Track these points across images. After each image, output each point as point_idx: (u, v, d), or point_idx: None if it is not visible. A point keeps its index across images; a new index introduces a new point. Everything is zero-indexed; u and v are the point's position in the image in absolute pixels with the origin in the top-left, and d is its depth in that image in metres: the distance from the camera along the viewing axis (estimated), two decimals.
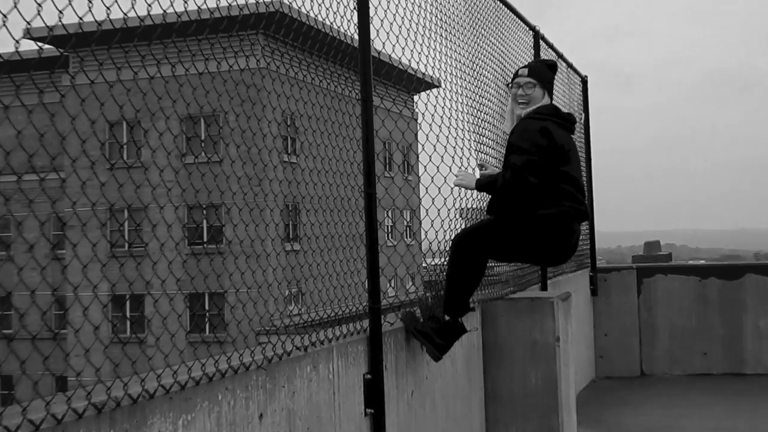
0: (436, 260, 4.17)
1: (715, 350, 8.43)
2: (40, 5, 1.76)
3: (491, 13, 5.39)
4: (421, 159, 3.93)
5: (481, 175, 3.70)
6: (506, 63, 5.72)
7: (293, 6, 3.07)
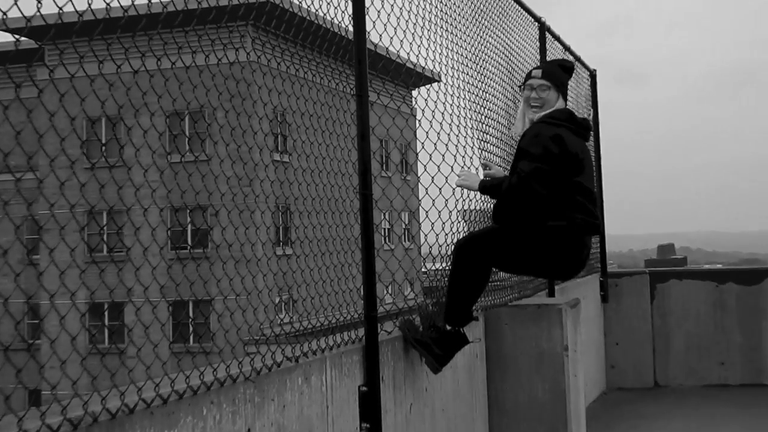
0: (436, 265, 4.18)
1: (732, 360, 8.45)
2: None
3: (494, 3, 5.41)
4: (421, 158, 3.94)
5: (486, 176, 3.70)
6: (510, 56, 5.74)
7: None
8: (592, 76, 8.87)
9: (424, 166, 3.90)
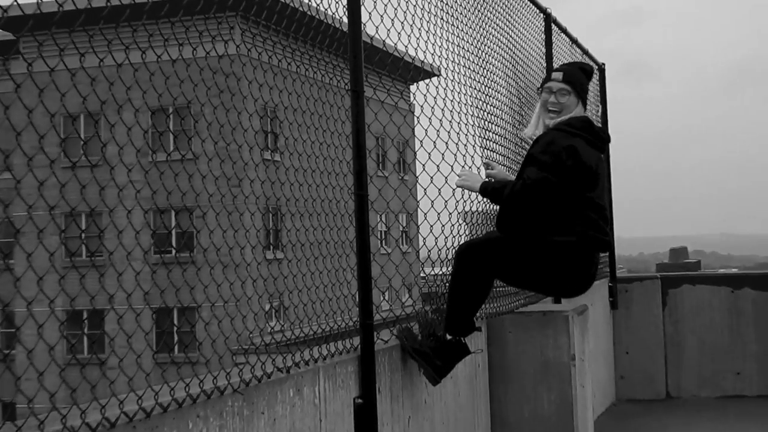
0: (435, 270, 4.18)
1: (749, 369, 8.46)
2: None
3: None
4: (419, 156, 3.94)
5: (487, 176, 3.71)
6: (514, 49, 5.75)
7: None
8: (601, 70, 8.88)
9: (423, 166, 3.90)
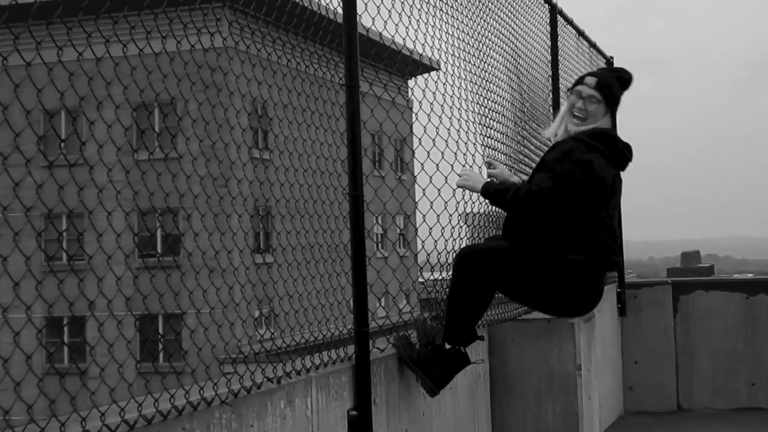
0: (434, 275, 4.18)
1: (765, 380, 8.47)
2: None
3: None
4: (417, 155, 3.95)
5: (489, 175, 3.71)
6: (518, 42, 5.76)
7: None
8: (609, 64, 8.90)
9: (422, 165, 3.91)
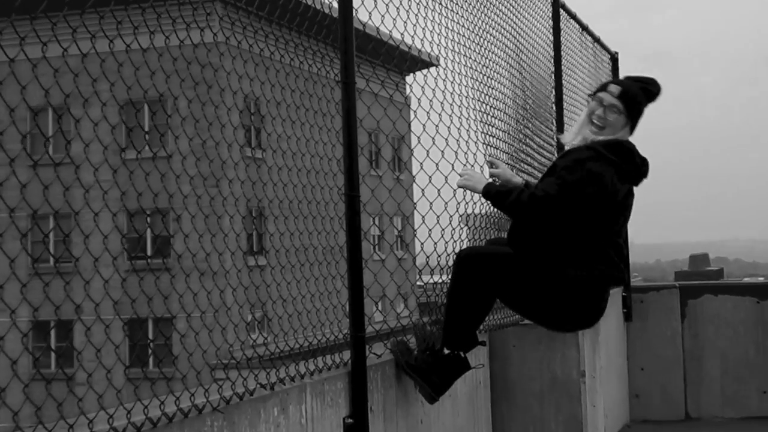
0: (434, 278, 4.19)
1: None
2: None
3: None
4: (416, 154, 3.95)
5: (491, 174, 3.71)
6: (519, 36, 5.77)
7: None
8: (614, 59, 8.90)
9: (420, 164, 3.91)
